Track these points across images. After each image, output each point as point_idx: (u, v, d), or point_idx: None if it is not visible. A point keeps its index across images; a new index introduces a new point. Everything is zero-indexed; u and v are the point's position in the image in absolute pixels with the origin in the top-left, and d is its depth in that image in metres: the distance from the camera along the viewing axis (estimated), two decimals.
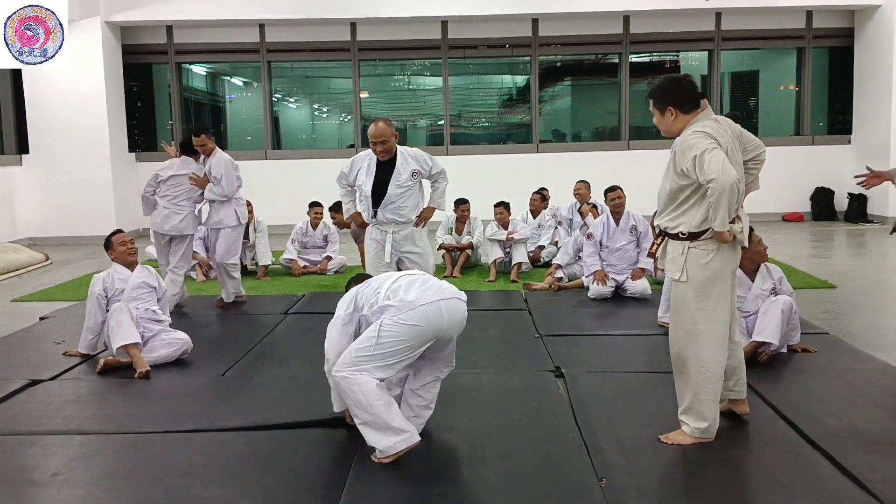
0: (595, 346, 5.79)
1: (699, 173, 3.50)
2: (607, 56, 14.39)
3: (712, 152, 3.49)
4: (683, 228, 3.69)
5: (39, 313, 7.28)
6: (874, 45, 13.18)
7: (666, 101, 3.75)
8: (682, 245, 3.71)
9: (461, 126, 15.05)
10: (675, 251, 3.75)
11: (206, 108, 15.80)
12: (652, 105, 3.82)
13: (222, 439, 4.04)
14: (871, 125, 13.25)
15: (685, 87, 3.77)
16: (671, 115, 3.74)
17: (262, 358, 5.65)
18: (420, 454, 3.73)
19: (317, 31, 13.59)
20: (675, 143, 3.72)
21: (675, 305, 3.82)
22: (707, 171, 3.46)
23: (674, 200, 3.74)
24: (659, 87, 3.83)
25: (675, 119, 3.75)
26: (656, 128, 3.88)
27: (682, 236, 3.70)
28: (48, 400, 4.75)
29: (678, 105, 3.73)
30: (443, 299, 3.72)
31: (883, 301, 7.14)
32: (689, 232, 3.68)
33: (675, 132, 3.77)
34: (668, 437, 3.83)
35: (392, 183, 5.48)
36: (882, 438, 3.84)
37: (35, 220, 12.64)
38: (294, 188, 12.30)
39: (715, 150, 3.50)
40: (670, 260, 3.78)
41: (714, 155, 3.48)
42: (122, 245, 5.67)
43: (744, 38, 13.87)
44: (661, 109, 3.78)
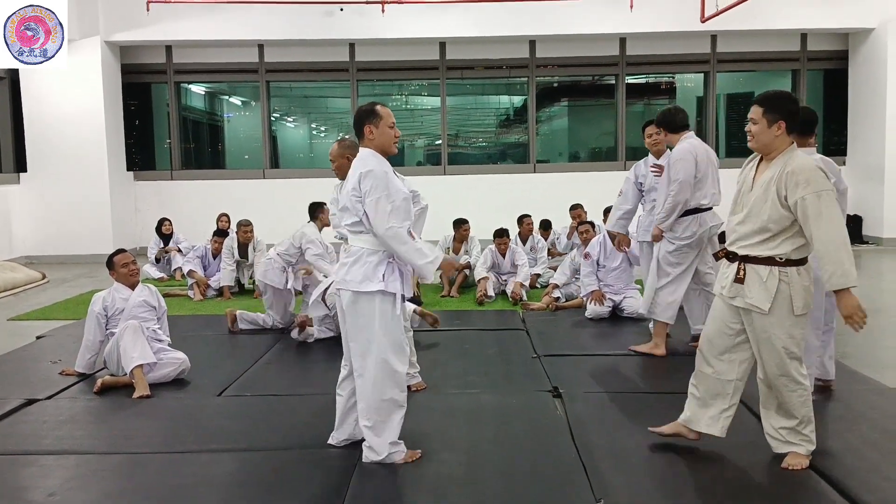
0: (593, 367, 5.79)
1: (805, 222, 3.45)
2: (604, 77, 14.46)
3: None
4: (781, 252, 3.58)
5: (36, 332, 7.26)
6: (868, 68, 13.28)
7: (779, 115, 3.58)
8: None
9: (459, 146, 15.10)
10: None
11: (204, 128, 15.85)
12: (762, 113, 3.60)
13: (218, 460, 4.03)
14: (865, 146, 13.33)
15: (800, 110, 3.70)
16: (778, 129, 3.58)
17: (260, 378, 5.64)
18: (418, 474, 3.73)
19: (315, 52, 13.66)
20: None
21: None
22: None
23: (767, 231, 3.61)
24: (776, 98, 3.65)
25: (779, 135, 3.59)
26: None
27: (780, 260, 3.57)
28: (44, 419, 4.74)
29: (791, 124, 3.60)
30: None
31: (879, 322, 7.15)
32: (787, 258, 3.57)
33: (771, 149, 3.62)
34: (790, 464, 3.72)
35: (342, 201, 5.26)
36: (879, 459, 3.85)
37: (32, 238, 12.63)
38: (292, 207, 12.28)
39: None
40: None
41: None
42: (123, 266, 5.67)
43: (739, 60, 13.98)
44: (770, 119, 3.58)
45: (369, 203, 3.73)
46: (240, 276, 9.46)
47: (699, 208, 5.72)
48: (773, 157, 3.63)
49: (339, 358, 4.12)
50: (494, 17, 12.82)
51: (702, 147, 5.78)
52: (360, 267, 3.79)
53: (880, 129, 12.87)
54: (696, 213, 5.72)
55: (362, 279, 3.77)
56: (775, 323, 3.58)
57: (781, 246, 3.56)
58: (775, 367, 3.64)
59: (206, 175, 14.14)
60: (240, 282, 9.50)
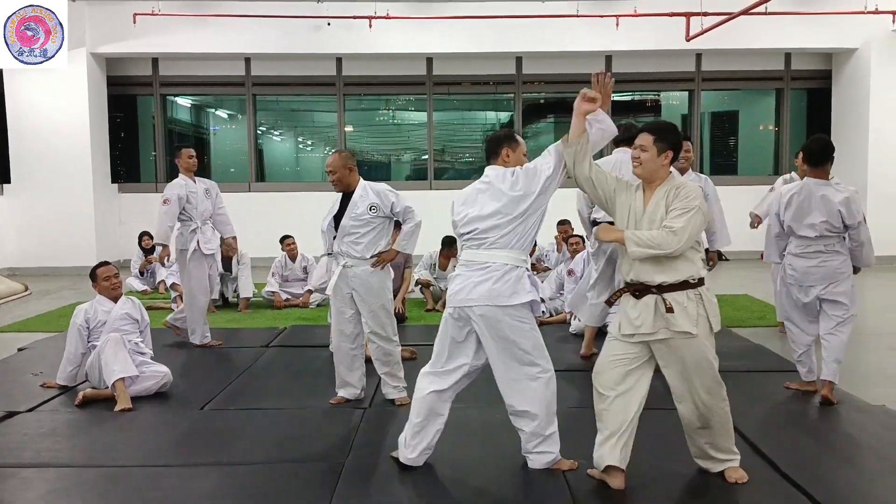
0: (577, 382, 5.78)
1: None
2: None
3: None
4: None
5: (18, 344, 7.21)
6: (851, 88, 13.44)
7: (667, 145, 3.68)
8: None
9: (445, 161, 15.15)
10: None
11: (190, 140, 15.80)
12: (653, 141, 3.69)
13: (200, 474, 4.00)
14: (848, 165, 13.41)
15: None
16: (665, 159, 3.68)
17: (242, 392, 5.62)
18: (403, 488, 3.72)
19: (302, 66, 13.69)
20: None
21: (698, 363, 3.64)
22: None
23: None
24: (667, 129, 3.76)
25: (665, 164, 3.69)
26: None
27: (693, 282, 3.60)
28: (25, 432, 4.70)
29: (676, 155, 3.72)
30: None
31: (860, 339, 7.19)
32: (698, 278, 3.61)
33: (655, 177, 3.70)
34: (735, 479, 3.74)
35: (347, 215, 5.19)
36: (859, 476, 3.87)
37: (15, 249, 12.56)
38: (278, 221, 12.27)
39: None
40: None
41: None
42: (105, 280, 5.64)
43: (724, 78, 14.12)
44: (660, 148, 3.67)
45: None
46: (224, 289, 9.41)
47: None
48: (656, 185, 3.69)
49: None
50: (481, 33, 12.89)
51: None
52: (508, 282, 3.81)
53: (863, 147, 13.02)
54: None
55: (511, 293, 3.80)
56: (703, 343, 3.58)
57: (685, 267, 3.59)
58: (707, 391, 3.62)
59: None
60: (223, 295, 9.45)
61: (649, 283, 3.59)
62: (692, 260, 3.60)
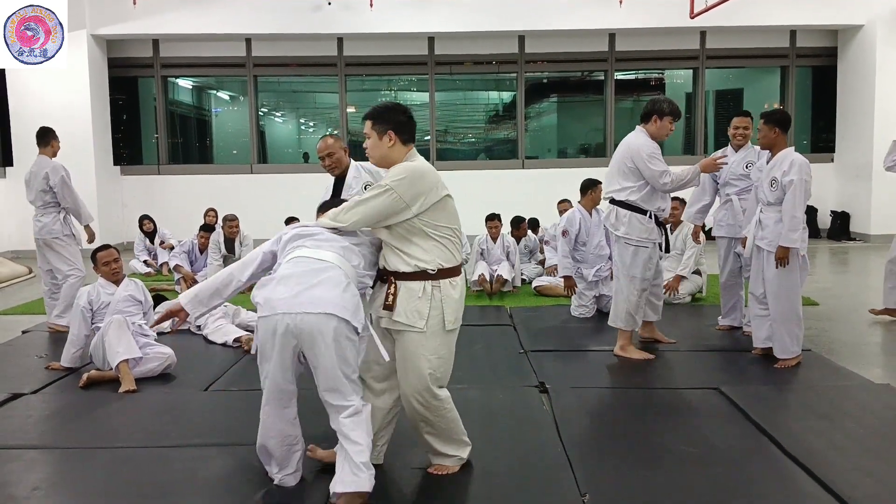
0: (579, 362, 5.81)
1: None
2: (593, 73, 14.49)
3: None
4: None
5: (22, 326, 7.23)
6: (857, 65, 13.34)
7: (386, 125, 3.47)
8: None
9: (447, 141, 15.11)
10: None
11: (191, 122, 15.79)
12: (371, 126, 3.49)
13: (205, 455, 4.01)
14: (854, 143, 13.39)
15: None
16: (390, 141, 3.46)
17: (246, 373, 5.62)
18: (402, 469, 3.72)
19: (303, 46, 13.62)
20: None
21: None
22: None
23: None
24: (384, 110, 3.53)
25: (392, 145, 3.48)
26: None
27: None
28: (29, 414, 4.71)
29: (400, 133, 3.47)
30: (289, 313, 3.17)
31: (865, 317, 7.19)
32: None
33: (389, 160, 3.49)
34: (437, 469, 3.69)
35: (343, 196, 5.05)
36: (862, 455, 3.86)
37: (18, 233, 12.53)
38: (280, 202, 12.26)
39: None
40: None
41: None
42: (105, 265, 5.66)
43: (728, 56, 14.03)
44: (380, 132, 3.47)
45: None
46: None
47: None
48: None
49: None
50: (483, 12, 12.82)
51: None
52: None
53: (868, 125, 12.94)
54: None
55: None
56: (426, 341, 3.41)
57: (421, 255, 3.38)
58: (418, 391, 3.48)
59: (193, 170, 14.12)
60: None
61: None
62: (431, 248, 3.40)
